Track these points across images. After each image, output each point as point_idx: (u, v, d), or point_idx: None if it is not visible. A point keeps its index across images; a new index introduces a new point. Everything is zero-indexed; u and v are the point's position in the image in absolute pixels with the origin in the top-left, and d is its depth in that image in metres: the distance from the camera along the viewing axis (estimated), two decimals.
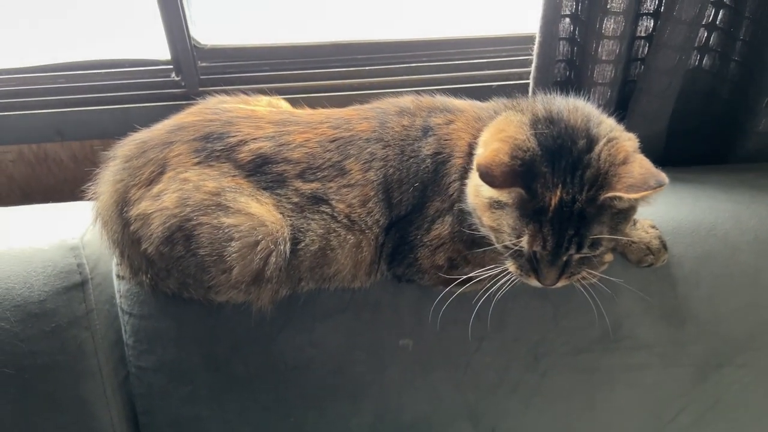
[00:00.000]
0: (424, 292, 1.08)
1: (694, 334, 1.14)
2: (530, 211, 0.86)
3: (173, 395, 1.14)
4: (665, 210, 1.14)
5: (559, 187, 0.85)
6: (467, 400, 1.16)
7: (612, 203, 0.86)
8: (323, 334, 1.10)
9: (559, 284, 0.93)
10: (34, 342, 1.05)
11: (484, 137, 0.92)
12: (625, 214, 0.89)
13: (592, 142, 0.88)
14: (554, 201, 0.85)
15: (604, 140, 0.88)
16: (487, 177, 0.83)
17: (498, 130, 0.91)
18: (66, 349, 1.07)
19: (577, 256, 0.89)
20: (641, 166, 0.85)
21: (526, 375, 1.14)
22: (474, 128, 1.00)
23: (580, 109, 0.92)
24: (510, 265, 0.94)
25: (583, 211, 0.86)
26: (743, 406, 1.21)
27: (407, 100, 1.07)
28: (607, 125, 0.92)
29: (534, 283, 0.93)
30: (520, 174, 0.85)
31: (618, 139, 0.89)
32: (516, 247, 0.89)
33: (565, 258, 0.89)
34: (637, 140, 0.92)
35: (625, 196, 0.83)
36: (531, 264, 0.92)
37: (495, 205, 0.89)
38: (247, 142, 0.99)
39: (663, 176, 0.83)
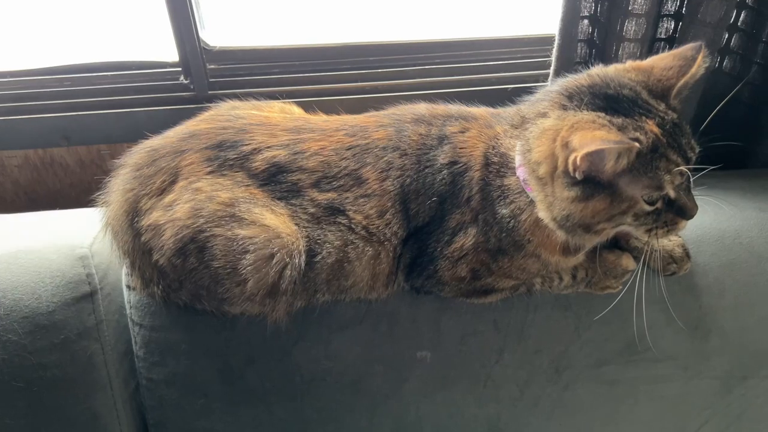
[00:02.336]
0: (442, 302, 1.06)
1: (719, 345, 1.11)
2: (648, 157, 0.82)
3: (186, 408, 1.12)
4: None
5: (647, 118, 0.84)
6: (488, 413, 1.14)
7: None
8: (340, 346, 1.07)
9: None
10: (43, 354, 1.03)
11: (544, 149, 0.85)
12: None
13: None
14: (653, 127, 0.83)
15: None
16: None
17: (564, 128, 0.84)
18: (75, 361, 1.05)
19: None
20: None
21: (548, 388, 1.12)
22: (486, 136, 0.97)
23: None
24: (650, 238, 0.91)
25: (675, 121, 0.85)
26: None
27: (422, 108, 1.04)
28: None
29: (683, 225, 0.91)
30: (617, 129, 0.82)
31: None
32: (658, 204, 0.86)
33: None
34: None
35: (686, 79, 0.88)
36: (673, 208, 0.88)
37: (616, 189, 0.84)
38: (261, 150, 0.97)
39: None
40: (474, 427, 1.15)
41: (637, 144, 0.79)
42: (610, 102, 0.86)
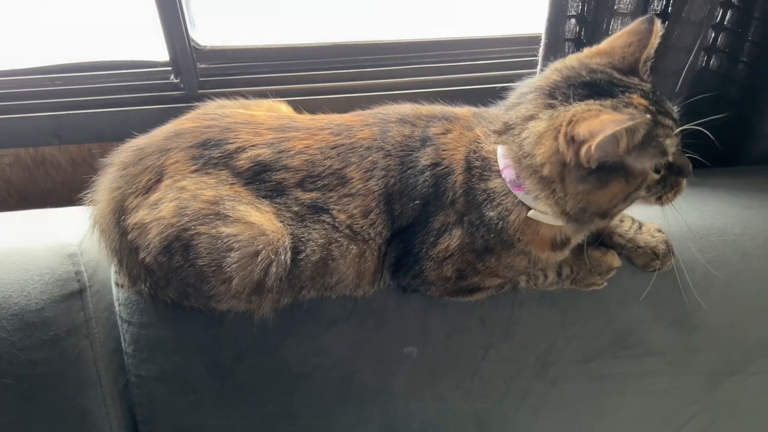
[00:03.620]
0: (429, 299, 1.06)
1: (706, 340, 1.12)
2: (650, 130, 0.83)
3: (175, 404, 1.13)
4: (674, 214, 1.12)
5: (630, 93, 0.86)
6: (475, 408, 1.15)
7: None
8: (328, 342, 1.08)
9: None
10: (33, 351, 1.03)
11: (548, 150, 0.85)
12: None
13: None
14: (640, 100, 0.85)
15: None
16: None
17: (563, 124, 0.84)
18: (65, 358, 1.06)
19: None
20: None
21: (535, 383, 1.13)
22: (467, 139, 0.98)
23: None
24: (663, 203, 0.94)
25: (653, 89, 0.88)
26: (755, 414, 1.20)
27: (407, 108, 1.04)
28: None
29: (683, 185, 0.93)
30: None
31: None
32: (663, 170, 0.89)
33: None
34: None
35: (648, 50, 0.91)
36: (672, 170, 0.90)
37: (627, 168, 0.85)
38: (245, 148, 0.97)
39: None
40: (461, 422, 1.16)
41: (648, 116, 0.81)
42: (591, 89, 0.86)
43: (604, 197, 0.87)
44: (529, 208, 0.92)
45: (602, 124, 0.77)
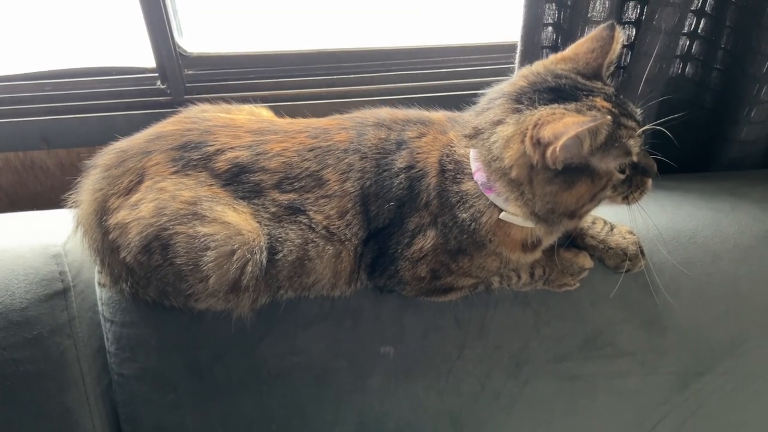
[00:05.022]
0: (405, 299, 1.08)
1: (675, 341, 1.14)
2: (613, 131, 0.86)
3: (156, 403, 1.14)
4: (646, 217, 1.14)
5: (593, 96, 0.89)
6: (450, 407, 1.16)
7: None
8: (305, 341, 1.10)
9: None
10: (16, 350, 1.05)
11: (515, 152, 0.88)
12: None
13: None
14: (603, 103, 0.88)
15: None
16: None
17: (528, 127, 0.87)
18: (48, 357, 1.07)
19: None
20: None
21: (508, 382, 1.15)
22: (441, 143, 1.00)
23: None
24: (630, 203, 0.96)
25: (615, 93, 0.92)
26: (725, 413, 1.21)
27: (384, 112, 1.07)
28: None
29: (650, 184, 0.96)
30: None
31: None
32: (628, 170, 0.91)
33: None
34: None
35: (611, 56, 0.95)
36: (637, 170, 0.93)
37: (592, 168, 0.88)
38: (224, 151, 0.99)
39: None
40: (436, 420, 1.17)
41: (609, 117, 0.84)
42: (555, 94, 0.89)
43: (571, 198, 0.89)
44: (501, 210, 0.94)
45: (565, 126, 0.80)
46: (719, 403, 1.19)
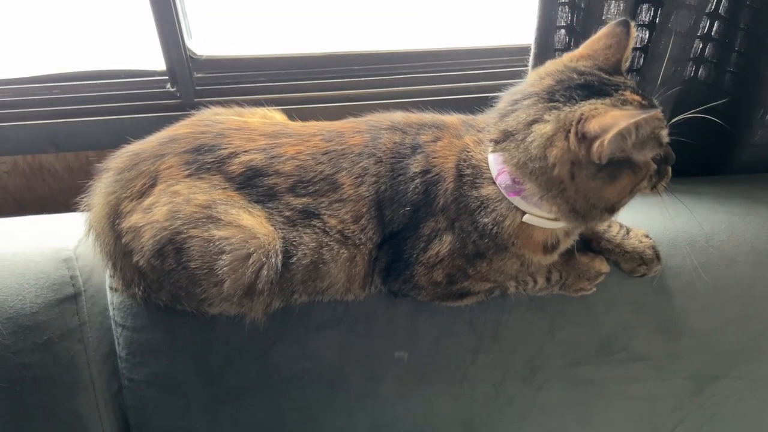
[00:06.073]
0: (419, 303, 1.08)
1: (690, 346, 1.13)
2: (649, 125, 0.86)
3: (167, 408, 1.14)
4: (661, 221, 1.14)
5: (622, 91, 0.89)
6: (463, 412, 1.16)
7: None
8: (317, 346, 1.09)
9: None
10: (27, 355, 1.04)
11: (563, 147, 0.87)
12: None
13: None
14: (633, 96, 0.88)
15: None
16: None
17: (573, 123, 0.86)
18: (58, 361, 1.07)
19: None
20: None
21: (523, 388, 1.14)
22: (457, 147, 0.99)
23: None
24: (659, 191, 0.96)
25: (637, 85, 0.92)
26: (740, 418, 1.21)
27: (398, 116, 1.06)
28: None
29: (670, 172, 0.96)
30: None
31: None
32: (659, 160, 0.91)
33: None
34: None
35: (627, 52, 0.95)
36: (663, 161, 0.93)
37: (633, 161, 0.88)
38: (238, 154, 0.99)
39: None
40: (449, 426, 1.17)
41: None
42: (588, 90, 0.88)
43: (614, 191, 0.89)
44: (524, 213, 0.94)
45: (613, 119, 0.80)
46: (735, 407, 1.18)
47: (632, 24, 0.94)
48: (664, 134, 0.89)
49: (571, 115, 0.85)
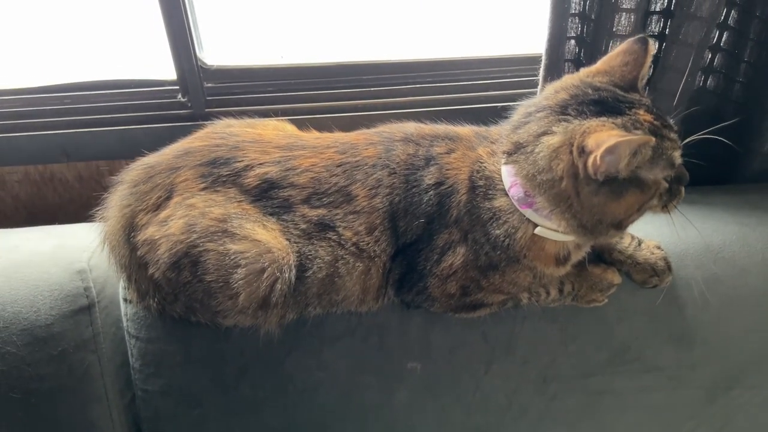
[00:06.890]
0: (432, 315, 1.08)
1: (703, 356, 1.14)
2: (658, 145, 0.86)
3: (181, 419, 1.14)
4: (672, 232, 1.14)
5: (635, 109, 0.89)
6: (476, 423, 1.16)
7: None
8: (331, 357, 1.09)
9: None
10: (41, 366, 1.05)
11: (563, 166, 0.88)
12: None
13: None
14: (646, 116, 0.88)
15: None
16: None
17: (576, 136, 0.87)
18: (73, 372, 1.07)
19: None
20: None
21: (536, 398, 1.14)
22: (470, 159, 1.00)
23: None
24: (670, 211, 0.96)
25: (653, 104, 0.92)
26: (753, 428, 1.21)
27: (411, 127, 1.06)
28: None
29: (683, 192, 0.96)
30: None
31: None
32: (671, 180, 0.92)
33: None
34: None
35: (645, 69, 0.95)
36: (675, 181, 0.93)
37: (641, 180, 0.88)
38: (253, 167, 0.99)
39: None
40: None
41: (653, 138, 0.83)
42: (601, 106, 0.89)
43: (620, 208, 0.89)
44: (536, 225, 0.94)
45: (608, 136, 0.80)
46: (747, 417, 1.19)
47: (651, 41, 0.94)
48: (677, 155, 0.89)
49: (579, 129, 0.85)
